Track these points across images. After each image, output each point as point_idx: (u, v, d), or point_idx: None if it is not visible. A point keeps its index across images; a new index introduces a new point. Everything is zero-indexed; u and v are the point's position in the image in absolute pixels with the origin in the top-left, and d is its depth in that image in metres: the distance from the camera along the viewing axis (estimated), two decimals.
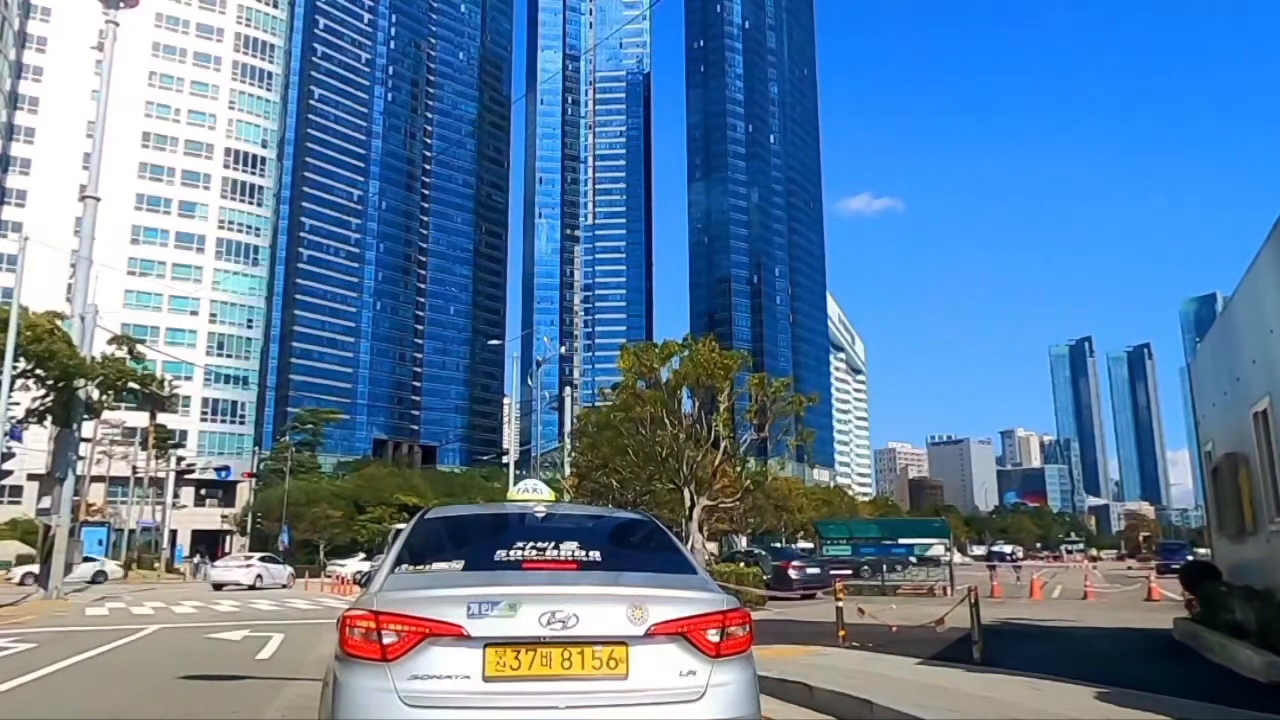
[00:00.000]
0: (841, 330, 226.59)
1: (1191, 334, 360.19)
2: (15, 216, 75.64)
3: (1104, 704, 6.58)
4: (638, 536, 4.68)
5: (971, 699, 6.85)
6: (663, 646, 3.53)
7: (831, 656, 9.76)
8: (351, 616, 3.54)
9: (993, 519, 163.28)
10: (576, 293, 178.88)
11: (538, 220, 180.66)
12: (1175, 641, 11.58)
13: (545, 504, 4.83)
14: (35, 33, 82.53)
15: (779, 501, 57.94)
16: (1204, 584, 11.26)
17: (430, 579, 3.75)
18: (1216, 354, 12.21)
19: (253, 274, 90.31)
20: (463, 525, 4.78)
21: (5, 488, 60.21)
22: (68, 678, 9.39)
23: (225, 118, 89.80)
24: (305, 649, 11.89)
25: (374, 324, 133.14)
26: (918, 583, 26.20)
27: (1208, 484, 13.11)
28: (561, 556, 3.94)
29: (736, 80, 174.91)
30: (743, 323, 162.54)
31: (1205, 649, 9.87)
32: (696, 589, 3.79)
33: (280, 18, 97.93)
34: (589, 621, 3.47)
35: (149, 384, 41.08)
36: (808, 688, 7.43)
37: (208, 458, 76.35)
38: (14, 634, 14.10)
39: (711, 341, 25.56)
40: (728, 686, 3.57)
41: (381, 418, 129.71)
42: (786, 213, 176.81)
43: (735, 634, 3.66)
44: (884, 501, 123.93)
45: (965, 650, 9.35)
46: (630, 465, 28.26)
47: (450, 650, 3.39)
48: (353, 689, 3.41)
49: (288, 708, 7.30)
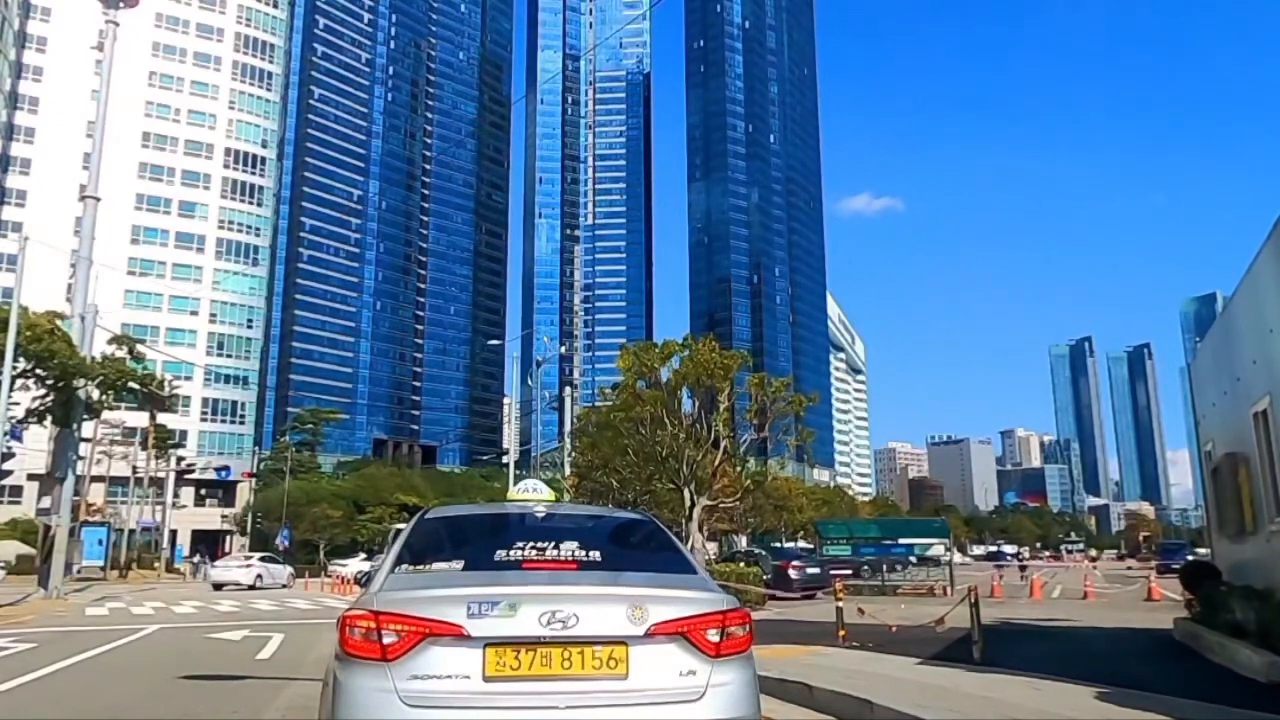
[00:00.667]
0: (841, 330, 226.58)
1: (1192, 334, 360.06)
2: (15, 216, 75.61)
3: (1104, 704, 6.58)
4: (638, 536, 4.67)
5: (972, 699, 6.85)
6: (663, 646, 3.52)
7: (831, 656, 9.76)
8: (351, 616, 3.54)
9: (993, 519, 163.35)
10: (576, 293, 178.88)
11: (538, 220, 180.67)
12: (1175, 641, 11.58)
13: (545, 504, 4.83)
14: (35, 32, 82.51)
15: (779, 501, 57.84)
16: (1204, 584, 11.25)
17: (430, 579, 3.75)
18: (1217, 354, 12.21)
19: (253, 274, 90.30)
20: (463, 525, 4.78)
21: (5, 488, 60.17)
22: (68, 678, 9.38)
23: (225, 118, 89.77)
24: (305, 649, 11.88)
25: (374, 324, 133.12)
26: (918, 583, 26.23)
27: (1208, 484, 13.11)
28: (561, 556, 3.94)
29: (736, 80, 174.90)
30: (743, 323, 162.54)
31: (1205, 649, 9.86)
32: (696, 589, 3.78)
33: (280, 18, 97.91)
34: (589, 621, 3.46)
35: (149, 384, 41.02)
36: (808, 687, 7.44)
37: (208, 458, 76.30)
38: (14, 634, 14.09)
39: (711, 341, 25.54)
40: (728, 686, 3.56)
41: (381, 418, 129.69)
42: (786, 213, 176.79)
43: (735, 634, 3.65)
44: (884, 501, 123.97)
45: (965, 650, 9.34)
46: (630, 465, 28.25)
47: (450, 650, 3.39)
48: (353, 689, 3.41)
49: (287, 708, 7.30)
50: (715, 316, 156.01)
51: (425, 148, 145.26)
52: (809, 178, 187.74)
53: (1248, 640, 8.46)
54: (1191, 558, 31.93)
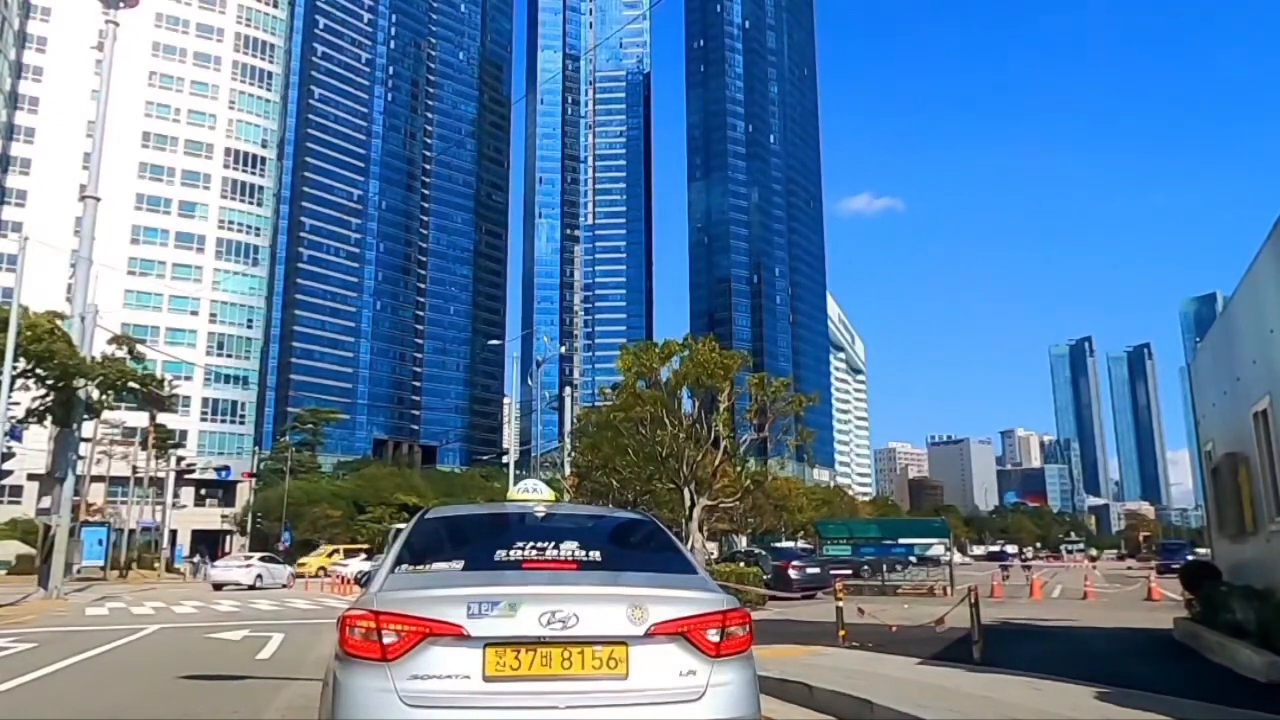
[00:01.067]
0: (841, 330, 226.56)
1: (1192, 334, 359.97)
2: (15, 216, 75.61)
3: (1104, 704, 6.58)
4: (638, 536, 4.66)
5: (972, 699, 6.85)
6: (663, 646, 3.52)
7: (832, 656, 9.76)
8: (351, 616, 3.54)
9: (993, 519, 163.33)
10: (576, 293, 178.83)
11: (538, 220, 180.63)
12: (1175, 641, 11.58)
13: (545, 504, 4.83)
14: (35, 32, 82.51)
15: (779, 501, 57.86)
16: (1204, 584, 11.25)
17: (430, 579, 3.74)
18: (1217, 354, 12.20)
19: (253, 274, 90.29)
20: (463, 525, 4.77)
21: (6, 488, 60.19)
22: (68, 677, 9.37)
23: (225, 118, 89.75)
24: (305, 649, 11.88)
25: (374, 324, 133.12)
26: (918, 583, 26.24)
27: (1208, 484, 13.10)
28: (561, 556, 3.93)
29: (736, 80, 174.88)
30: (743, 322, 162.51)
31: (1205, 649, 9.86)
32: (696, 589, 3.78)
33: (280, 17, 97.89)
34: (589, 621, 3.46)
35: (149, 384, 40.97)
36: (808, 687, 7.44)
37: (208, 457, 76.29)
38: (14, 634, 14.09)
39: (711, 341, 25.53)
40: (728, 686, 3.56)
41: (381, 418, 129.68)
42: (786, 212, 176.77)
43: (735, 634, 3.65)
44: (884, 501, 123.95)
45: (965, 650, 9.34)
46: (630, 465, 28.24)
47: (450, 650, 3.39)
48: (353, 689, 3.41)
49: (287, 708, 7.29)
50: (715, 316, 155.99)
51: (425, 148, 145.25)
52: (809, 177, 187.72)
53: (1248, 640, 8.46)
54: (1192, 558, 31.94)
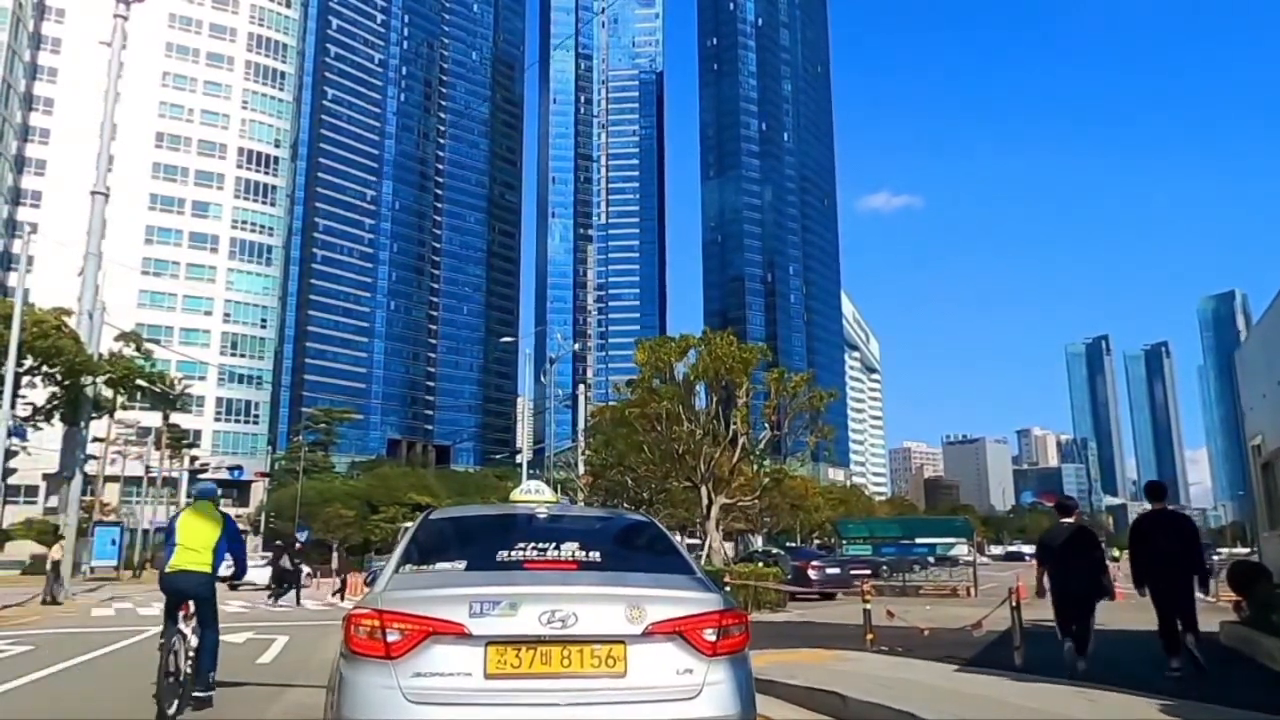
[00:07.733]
0: (856, 329, 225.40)
1: (1210, 332, 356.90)
2: (30, 217, 75.67)
3: (1171, 718, 6.02)
4: (637, 538, 4.77)
5: (1022, 711, 6.30)
6: (660, 645, 3.59)
7: (861, 662, 9.23)
8: (356, 615, 3.63)
9: (1010, 519, 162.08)
10: (589, 292, 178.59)
11: (551, 220, 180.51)
12: (1223, 646, 10.96)
13: (547, 505, 4.93)
14: (49, 34, 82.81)
15: (795, 501, 57.33)
16: (1255, 585, 10.64)
17: (433, 578, 3.84)
18: (1268, 342, 11.57)
19: (266, 274, 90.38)
20: (466, 526, 4.85)
21: (21, 487, 60.21)
22: (69, 678, 9.31)
23: (238, 118, 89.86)
24: (309, 652, 11.45)
25: (387, 324, 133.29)
26: (940, 583, 25.63)
27: (1257, 479, 12.47)
28: (562, 557, 4.03)
29: (750, 78, 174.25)
30: (756, 321, 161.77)
31: (1262, 655, 9.27)
32: (694, 589, 3.86)
33: (293, 18, 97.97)
34: (588, 620, 3.53)
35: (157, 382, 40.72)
36: (841, 698, 6.86)
37: (221, 457, 76.36)
38: (18, 635, 13.91)
39: (729, 335, 24.95)
40: (724, 684, 3.63)
41: (395, 417, 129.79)
42: (800, 210, 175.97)
43: (731, 633, 3.73)
44: (901, 501, 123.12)
45: (1003, 654, 8.86)
46: (646, 463, 27.71)
47: (453, 648, 3.47)
48: (358, 686, 3.50)
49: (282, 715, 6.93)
50: (729, 315, 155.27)
51: (438, 148, 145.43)
52: (823, 175, 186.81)
53: None
54: (1217, 558, 31.16)
